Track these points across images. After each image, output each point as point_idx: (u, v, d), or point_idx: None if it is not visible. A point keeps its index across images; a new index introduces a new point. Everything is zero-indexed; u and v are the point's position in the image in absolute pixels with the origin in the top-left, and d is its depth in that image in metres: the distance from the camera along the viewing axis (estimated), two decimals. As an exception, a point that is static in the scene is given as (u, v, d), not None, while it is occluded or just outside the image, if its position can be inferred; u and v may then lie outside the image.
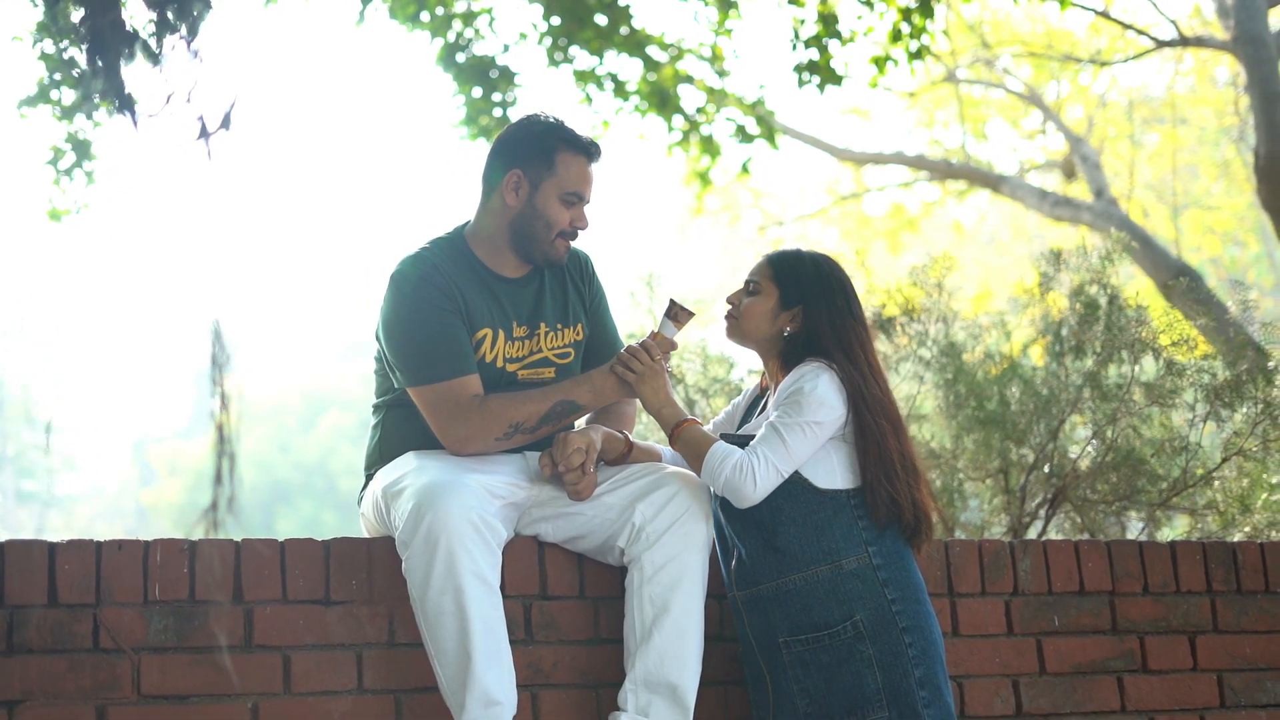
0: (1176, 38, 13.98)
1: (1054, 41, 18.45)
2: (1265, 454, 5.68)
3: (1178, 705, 4.48)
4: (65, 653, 3.61)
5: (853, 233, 20.29)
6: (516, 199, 4.10)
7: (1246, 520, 5.66)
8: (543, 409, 3.99)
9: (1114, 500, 5.75)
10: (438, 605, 3.63)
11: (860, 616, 3.76)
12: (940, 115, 19.61)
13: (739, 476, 3.78)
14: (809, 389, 3.83)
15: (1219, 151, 23.82)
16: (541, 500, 4.00)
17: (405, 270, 4.06)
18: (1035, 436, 5.91)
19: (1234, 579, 4.64)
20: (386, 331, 4.07)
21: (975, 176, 16.83)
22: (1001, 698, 4.33)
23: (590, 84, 12.25)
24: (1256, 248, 25.54)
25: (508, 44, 12.25)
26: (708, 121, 12.59)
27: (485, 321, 4.08)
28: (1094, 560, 4.52)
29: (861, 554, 3.80)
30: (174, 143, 2.24)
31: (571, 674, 3.99)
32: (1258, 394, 5.63)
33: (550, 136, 4.11)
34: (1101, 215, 14.03)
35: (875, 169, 19.11)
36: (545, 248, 4.12)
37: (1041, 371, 6.15)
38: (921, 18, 10.53)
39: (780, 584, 3.82)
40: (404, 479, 3.82)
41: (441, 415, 3.95)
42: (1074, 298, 6.15)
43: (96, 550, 3.68)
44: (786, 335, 3.99)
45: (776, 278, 4.04)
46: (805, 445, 3.82)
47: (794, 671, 3.80)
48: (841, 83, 10.97)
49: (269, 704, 3.73)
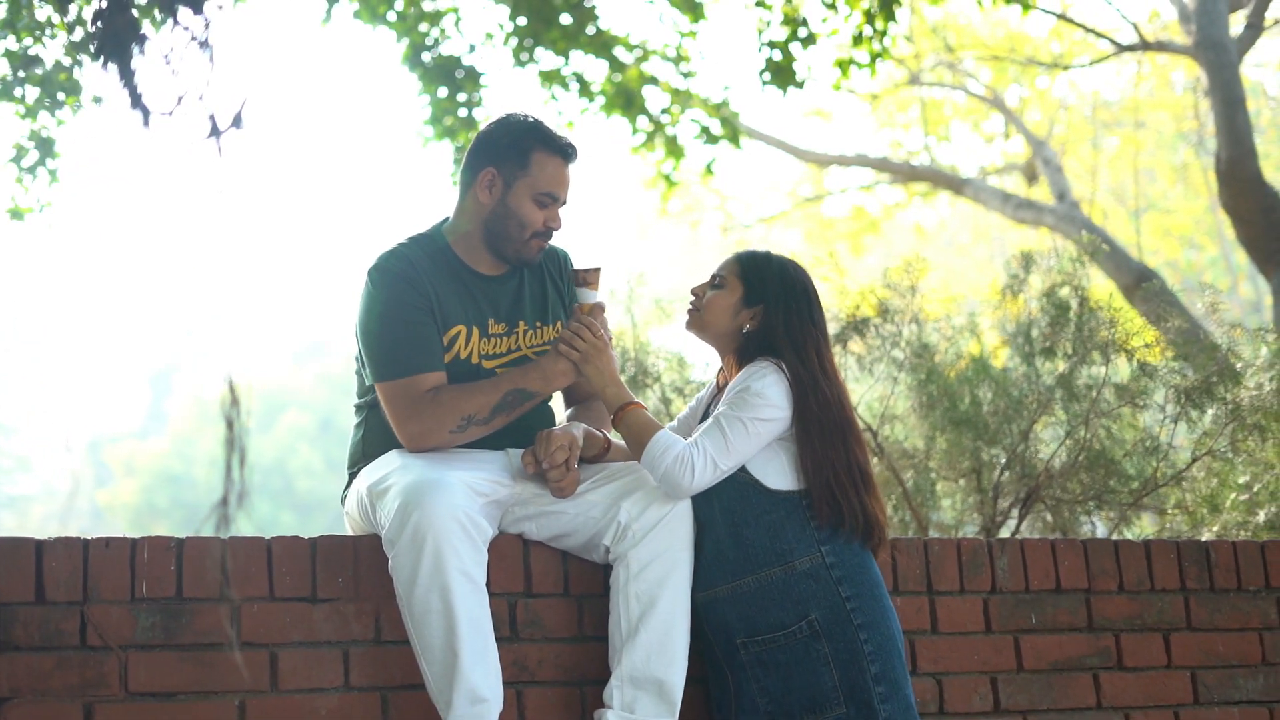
0: (1138, 42, 14.09)
1: (1016, 45, 18.56)
2: (1234, 455, 5.75)
3: (1152, 702, 4.54)
4: (53, 650, 3.61)
5: (815, 235, 20.37)
6: (490, 197, 4.11)
7: (1215, 519, 5.73)
8: (494, 399, 3.99)
9: (1085, 500, 5.81)
10: (424, 603, 3.64)
11: (815, 616, 3.81)
12: (902, 118, 19.71)
13: (678, 468, 3.83)
14: (756, 387, 3.88)
15: (1176, 155, 24.01)
16: (525, 498, 4.01)
17: (379, 265, 4.08)
18: (1007, 437, 5.96)
19: (1207, 577, 4.70)
20: (359, 327, 4.09)
21: (939, 179, 16.94)
22: (980, 695, 4.38)
23: (555, 84, 12.27)
24: (1214, 251, 25.76)
25: (474, 44, 12.26)
26: (673, 123, 12.63)
27: (459, 318, 4.08)
28: (1070, 559, 4.57)
29: (815, 553, 3.85)
30: (185, 141, 2.25)
31: (556, 671, 4.00)
32: (1226, 395, 5.70)
33: (527, 136, 4.11)
34: (1064, 218, 14.14)
35: (837, 171, 19.19)
36: (518, 247, 4.13)
37: (1013, 372, 6.20)
38: (884, 21, 10.60)
39: (734, 586, 3.87)
40: (389, 477, 3.83)
41: (397, 411, 3.97)
42: (1045, 299, 6.21)
43: (84, 548, 3.68)
44: (745, 332, 4.05)
45: (743, 275, 4.09)
46: (746, 442, 3.87)
47: (753, 671, 3.84)
48: (804, 85, 11.04)
49: (256, 701, 3.73)
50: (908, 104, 19.24)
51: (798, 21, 10.86)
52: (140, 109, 2.25)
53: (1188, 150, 22.69)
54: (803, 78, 10.80)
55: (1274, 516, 5.72)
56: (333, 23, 11.48)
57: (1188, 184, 24.37)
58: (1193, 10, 12.57)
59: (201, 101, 2.25)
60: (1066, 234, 13.84)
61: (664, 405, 6.07)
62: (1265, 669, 4.68)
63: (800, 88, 10.79)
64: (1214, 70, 12.02)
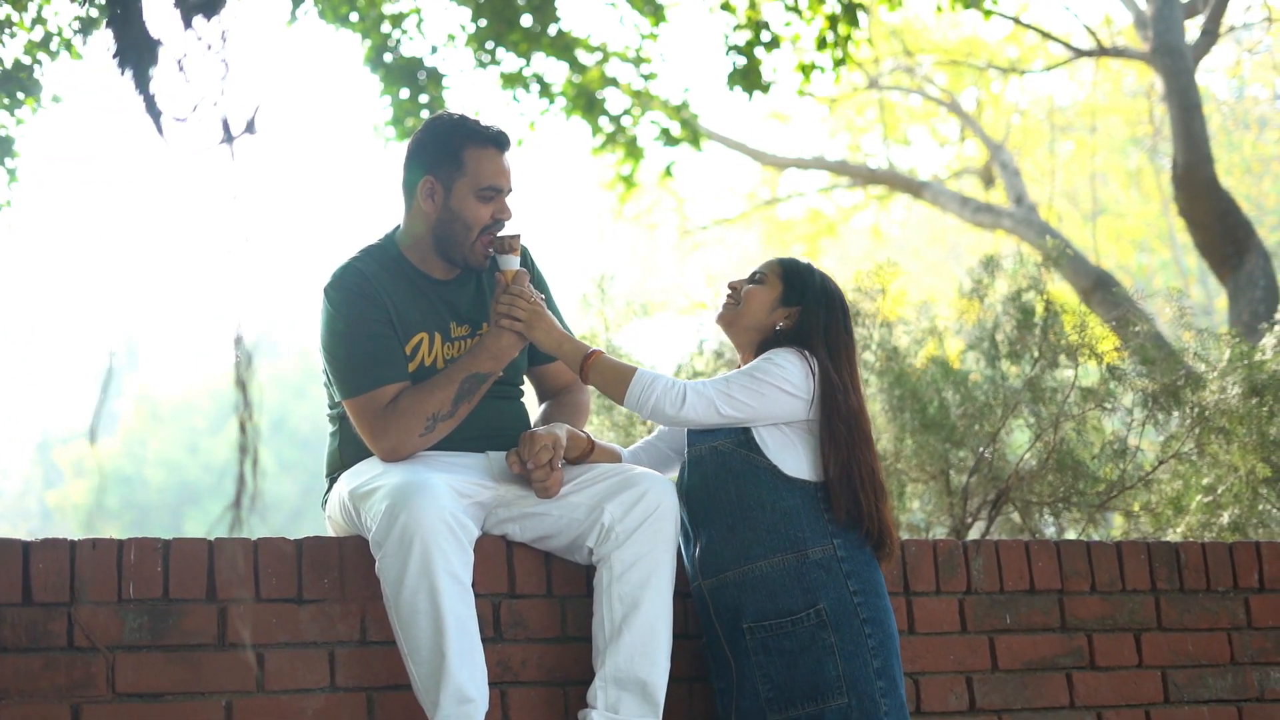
0: (1095, 47, 14.22)
1: (973, 50, 18.69)
2: (1199, 458, 5.83)
3: (1124, 701, 4.60)
4: (40, 651, 3.61)
5: (772, 237, 20.44)
6: (433, 205, 4.09)
7: (1180, 521, 5.81)
8: (452, 392, 3.99)
9: (1053, 501, 5.88)
10: (412, 604, 3.66)
11: (824, 605, 3.84)
12: (859, 121, 19.81)
13: (667, 395, 3.88)
14: (777, 360, 3.94)
15: (1129, 160, 24.22)
16: (508, 500, 4.03)
17: (334, 283, 4.07)
18: (975, 440, 6.02)
19: (1177, 578, 4.77)
20: (322, 346, 4.10)
21: (897, 182, 17.04)
22: (956, 694, 4.43)
23: (517, 86, 12.29)
24: (1165, 254, 26.00)
25: (436, 45, 12.27)
26: (633, 124, 12.67)
27: (419, 325, 4.09)
28: (1043, 560, 4.62)
29: (827, 545, 3.89)
30: (198, 147, 2.27)
31: (539, 671, 4.03)
32: (1193, 399, 5.78)
33: (455, 135, 4.08)
34: (1022, 222, 14.26)
35: (795, 174, 19.27)
36: (466, 251, 4.10)
37: (979, 375, 6.26)
38: (847, 25, 10.68)
39: (745, 570, 3.90)
40: (374, 480, 3.85)
41: (365, 428, 3.98)
42: (1011, 303, 6.28)
43: (71, 549, 3.68)
44: (778, 330, 4.08)
45: (783, 275, 4.15)
46: (751, 398, 3.91)
47: (757, 657, 3.87)
48: (769, 89, 11.11)
49: (242, 702, 3.74)
50: (865, 107, 19.34)
51: (760, 25, 10.92)
52: (155, 116, 2.27)
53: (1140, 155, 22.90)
54: (768, 81, 10.86)
55: (1237, 518, 5.81)
56: (297, 23, 11.45)
57: (1140, 188, 24.59)
58: (1149, 17, 12.71)
59: (215, 107, 2.26)
60: (1024, 237, 13.97)
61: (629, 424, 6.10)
62: (1233, 668, 4.75)
63: (765, 91, 10.86)
64: (1170, 76, 12.16)
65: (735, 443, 3.95)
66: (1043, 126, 20.71)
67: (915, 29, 18.68)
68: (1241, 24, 16.84)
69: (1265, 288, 11.48)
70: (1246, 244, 11.79)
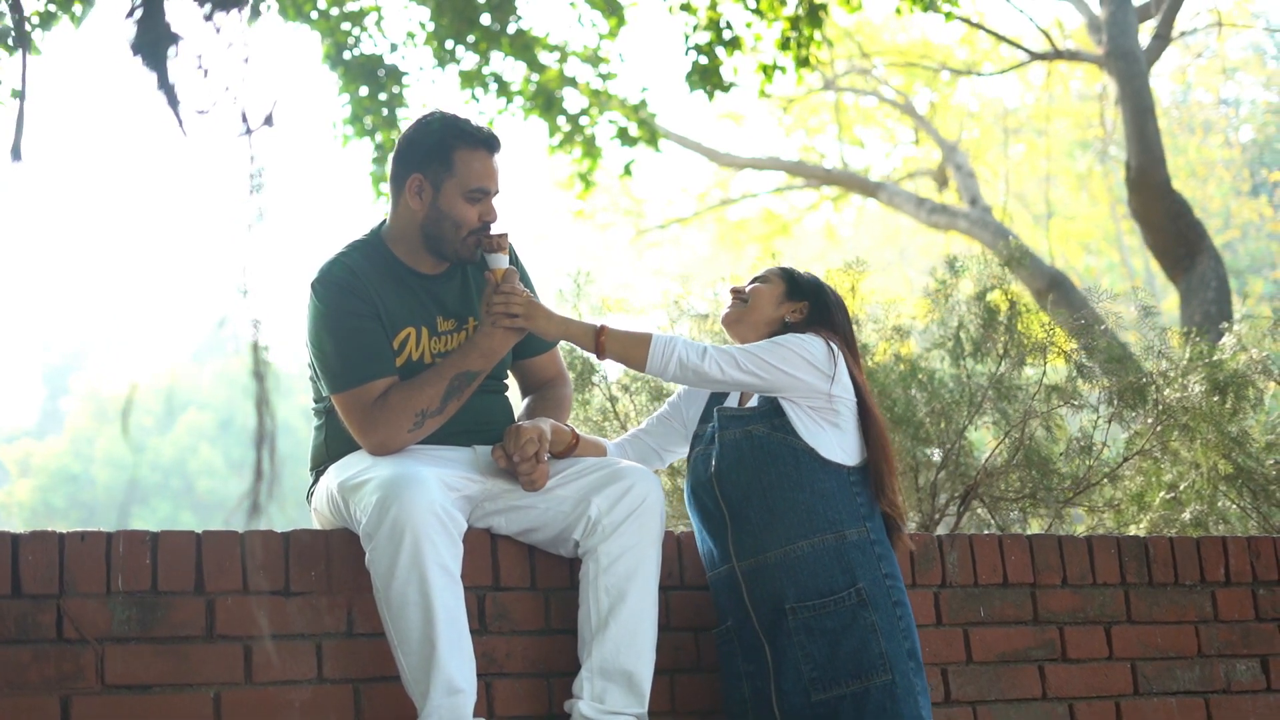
0: (1050, 50, 14.36)
1: (928, 52, 18.83)
2: (1162, 455, 5.92)
3: (1095, 693, 4.68)
4: (29, 643, 3.61)
5: (726, 237, 20.52)
6: (421, 203, 4.12)
7: (1143, 517, 5.90)
8: (441, 388, 4.02)
9: (1021, 498, 5.96)
10: (402, 595, 3.69)
11: (863, 585, 3.90)
12: (814, 121, 19.91)
13: (690, 349, 3.92)
14: (801, 336, 4.00)
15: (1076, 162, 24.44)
16: (494, 494, 4.07)
17: (321, 277, 4.09)
18: (943, 438, 6.09)
19: (1146, 572, 4.85)
20: (309, 340, 4.12)
21: (852, 183, 17.14)
22: (932, 685, 4.49)
23: (476, 85, 12.31)
24: (1114, 256, 26.26)
25: (395, 44, 12.28)
26: (591, 124, 12.71)
27: (406, 320, 4.12)
28: (1016, 554, 4.70)
29: (860, 527, 3.95)
30: (217, 140, 2.30)
31: (524, 663, 4.07)
32: (1156, 396, 5.87)
33: (446, 135, 4.11)
34: (977, 223, 14.38)
35: (748, 174, 19.35)
36: (457, 247, 4.13)
37: (944, 374, 6.33)
38: (809, 27, 10.75)
39: (788, 550, 3.93)
40: (363, 473, 3.87)
41: (354, 422, 4.00)
42: (976, 303, 6.34)
43: (60, 541, 3.69)
44: (788, 322, 4.14)
45: (785, 276, 4.25)
46: (773, 359, 3.94)
47: (798, 638, 3.89)
48: (730, 89, 11.17)
49: (231, 694, 3.76)
50: (818, 108, 19.44)
51: (721, 26, 10.98)
52: (175, 108, 2.29)
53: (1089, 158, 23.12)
54: (729, 81, 10.92)
55: (1199, 515, 5.90)
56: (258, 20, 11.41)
57: (1089, 191, 24.82)
58: (1103, 21, 12.85)
59: (235, 101, 2.29)
60: (979, 238, 14.10)
61: (610, 404, 6.14)
62: (1200, 660, 4.84)
63: (726, 91, 10.92)
64: (1125, 80, 12.30)
65: (770, 427, 3.99)
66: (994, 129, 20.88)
67: (869, 30, 18.80)
68: (1191, 29, 17.04)
69: (1217, 289, 11.63)
70: (1198, 246, 11.95)
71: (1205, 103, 29.85)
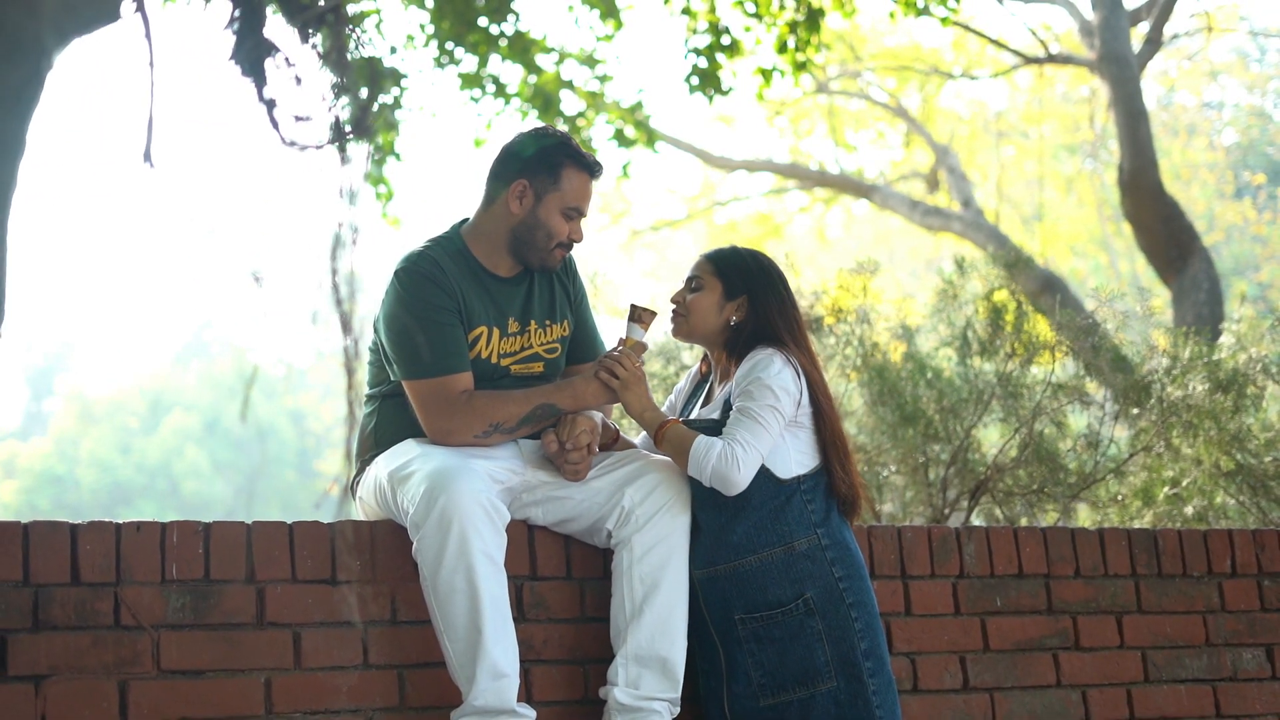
0: (1043, 55, 14.51)
1: (918, 57, 18.96)
2: (1166, 451, 6.07)
3: (1107, 680, 4.82)
4: (88, 629, 3.73)
5: (717, 239, 20.63)
6: (520, 208, 4.28)
7: (1147, 512, 6.05)
8: (523, 411, 4.18)
9: (1029, 493, 6.10)
10: (449, 583, 3.82)
11: (811, 594, 4.05)
12: (805, 124, 20.04)
13: (725, 465, 4.02)
14: (766, 376, 4.09)
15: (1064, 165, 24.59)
16: (533, 485, 4.20)
17: (408, 266, 4.22)
18: (953, 434, 6.23)
19: (1155, 563, 4.99)
20: (386, 325, 4.22)
21: (846, 185, 17.27)
22: (950, 673, 4.63)
23: (474, 87, 12.41)
24: (1103, 258, 26.42)
25: (395, 46, 12.37)
26: (588, 126, 12.82)
27: (482, 319, 4.26)
28: (1031, 546, 4.84)
29: (811, 535, 4.09)
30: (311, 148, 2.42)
31: (560, 650, 4.20)
32: (1160, 394, 6.01)
33: (558, 152, 4.29)
34: (970, 225, 14.51)
35: (740, 175, 19.47)
36: (544, 255, 4.31)
37: (953, 373, 6.47)
38: (807, 31, 10.87)
39: (736, 565, 4.09)
40: (411, 464, 4.00)
41: (430, 409, 4.13)
42: (984, 302, 6.49)
43: (116, 531, 3.81)
44: (733, 325, 4.25)
45: (718, 272, 4.31)
46: (777, 425, 4.08)
47: (748, 646, 4.06)
48: (730, 92, 11.29)
49: (281, 679, 3.88)
50: (810, 111, 19.57)
51: (720, 29, 11.10)
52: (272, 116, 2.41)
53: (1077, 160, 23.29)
54: (729, 85, 11.04)
55: (1201, 509, 6.05)
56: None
57: (1077, 194, 24.99)
58: (1095, 25, 12.99)
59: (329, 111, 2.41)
60: (973, 240, 14.24)
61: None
62: (1209, 649, 4.98)
63: (726, 94, 11.04)
64: (1117, 84, 12.44)
65: None
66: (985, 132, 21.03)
67: (861, 34, 18.93)
68: (1182, 32, 17.21)
69: (1209, 290, 11.79)
70: (1190, 247, 12.10)
71: (1189, 106, 30.05)
